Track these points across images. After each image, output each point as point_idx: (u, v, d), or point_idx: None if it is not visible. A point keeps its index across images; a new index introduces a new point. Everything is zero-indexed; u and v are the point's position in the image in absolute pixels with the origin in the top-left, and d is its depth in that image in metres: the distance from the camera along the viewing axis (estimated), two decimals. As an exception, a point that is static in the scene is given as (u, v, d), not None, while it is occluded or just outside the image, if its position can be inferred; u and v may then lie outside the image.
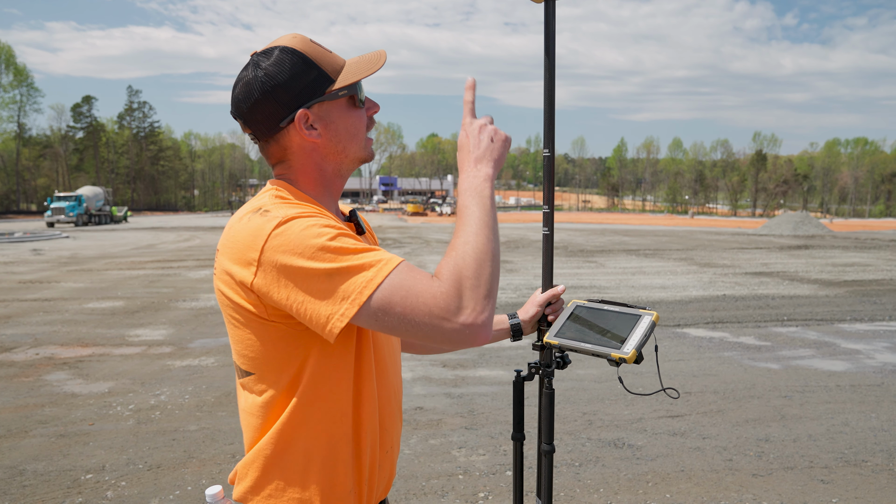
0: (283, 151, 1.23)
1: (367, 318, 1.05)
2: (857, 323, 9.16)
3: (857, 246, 24.95)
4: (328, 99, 1.21)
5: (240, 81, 1.21)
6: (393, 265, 1.05)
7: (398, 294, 1.03)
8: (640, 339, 1.42)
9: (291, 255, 1.05)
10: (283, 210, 1.11)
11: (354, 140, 1.27)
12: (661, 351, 7.37)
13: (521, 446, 1.70)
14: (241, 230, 1.11)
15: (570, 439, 4.63)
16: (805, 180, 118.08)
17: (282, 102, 1.18)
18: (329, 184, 1.29)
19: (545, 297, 1.65)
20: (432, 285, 1.04)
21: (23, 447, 4.40)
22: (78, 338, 7.92)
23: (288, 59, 1.18)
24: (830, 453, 4.42)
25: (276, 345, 1.15)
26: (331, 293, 1.04)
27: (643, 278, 14.22)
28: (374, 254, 1.06)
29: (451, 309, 1.03)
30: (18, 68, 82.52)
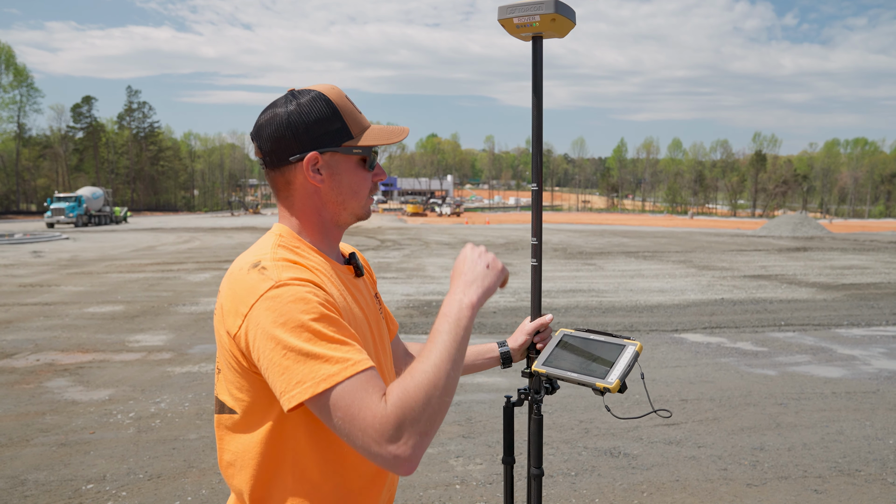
0: (286, 186, 1.29)
1: (314, 408, 1.09)
2: (854, 328, 9.20)
3: (855, 248, 25.00)
4: (342, 152, 1.28)
5: (269, 109, 1.28)
6: (356, 370, 1.07)
7: (345, 401, 1.06)
8: (623, 368, 1.48)
9: (273, 321, 1.10)
10: (279, 272, 1.15)
11: (355, 197, 1.32)
12: (658, 357, 7.41)
13: (511, 470, 1.74)
14: (240, 282, 1.17)
15: (566, 448, 4.67)
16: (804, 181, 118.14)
17: (299, 140, 1.24)
18: (328, 231, 1.34)
19: (534, 326, 1.71)
20: (377, 407, 1.05)
21: (24, 456, 4.44)
22: (78, 343, 7.96)
23: (318, 104, 1.26)
24: (824, 462, 4.46)
25: (259, 392, 1.19)
26: (291, 372, 1.07)
27: (642, 281, 14.26)
28: (345, 349, 1.09)
29: (385, 436, 1.04)
30: (18, 68, 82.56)
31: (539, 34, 1.64)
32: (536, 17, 1.58)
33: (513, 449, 1.72)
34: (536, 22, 1.59)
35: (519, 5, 1.60)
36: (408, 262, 18.40)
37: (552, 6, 1.56)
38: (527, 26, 1.61)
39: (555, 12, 1.56)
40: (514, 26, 1.62)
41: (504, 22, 1.63)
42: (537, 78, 1.67)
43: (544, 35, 1.65)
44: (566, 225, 51.65)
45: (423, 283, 13.73)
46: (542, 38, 1.67)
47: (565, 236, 32.84)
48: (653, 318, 9.82)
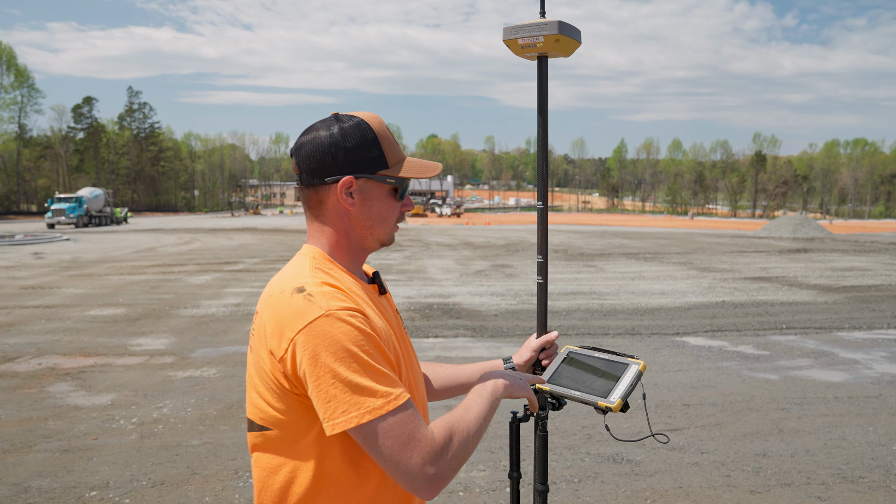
0: (319, 205, 1.34)
1: (357, 436, 1.17)
2: (855, 331, 9.20)
3: (856, 249, 25.00)
4: (376, 179, 1.32)
5: (312, 129, 1.33)
6: (398, 404, 1.17)
7: (394, 431, 1.16)
8: (626, 388, 1.49)
9: (323, 349, 1.16)
10: (327, 301, 1.20)
11: (382, 224, 1.38)
12: (660, 361, 7.41)
13: (517, 484, 1.75)
14: (285, 306, 1.21)
15: (569, 454, 4.67)
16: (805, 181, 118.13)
17: (336, 162, 1.29)
18: (355, 253, 1.39)
19: (539, 343, 1.72)
20: (426, 433, 1.19)
21: (27, 463, 4.44)
22: (80, 347, 7.96)
23: (359, 131, 1.31)
24: (828, 469, 4.46)
25: (298, 413, 1.24)
26: (338, 401, 1.15)
27: (643, 283, 14.26)
28: (388, 383, 1.18)
29: (430, 458, 1.17)
30: (19, 69, 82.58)
31: (544, 54, 1.65)
32: (540, 38, 1.59)
33: (519, 464, 1.72)
34: (540, 43, 1.59)
35: (523, 26, 1.61)
36: (408, 264, 18.40)
37: (556, 27, 1.57)
38: (531, 47, 1.61)
39: (559, 33, 1.57)
40: (519, 47, 1.63)
41: (509, 42, 1.63)
42: (542, 98, 1.67)
43: (549, 55, 1.66)
44: (566, 226, 51.65)
45: (423, 286, 13.73)
46: (548, 58, 1.67)
47: (566, 237, 32.84)
48: (654, 321, 9.82)
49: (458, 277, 15.34)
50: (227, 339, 8.42)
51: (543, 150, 1.70)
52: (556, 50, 1.62)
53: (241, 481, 4.18)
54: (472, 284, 14.05)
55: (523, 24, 1.61)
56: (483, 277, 15.37)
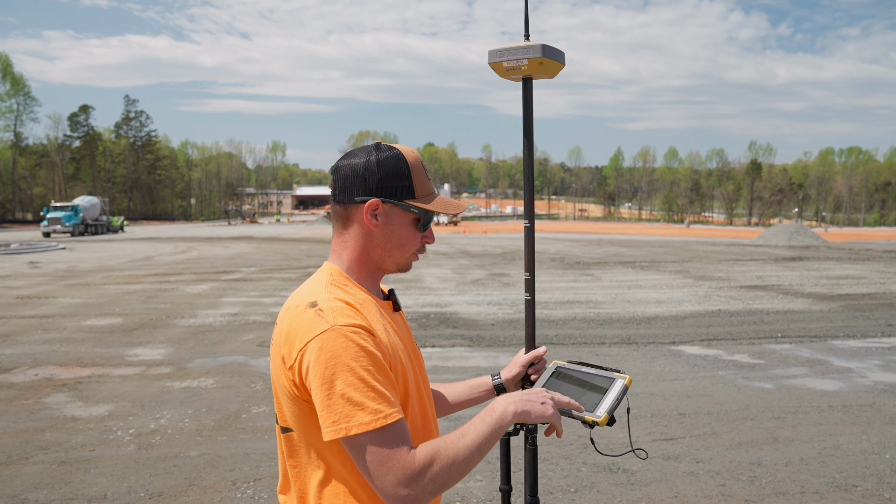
0: (346, 221, 1.45)
1: (346, 445, 1.26)
2: (849, 339, 9.25)
3: (851, 257, 25.10)
4: (401, 206, 1.43)
5: (354, 153, 1.45)
6: (387, 422, 1.24)
7: (374, 447, 1.23)
8: (612, 402, 1.52)
9: (325, 361, 1.25)
10: (335, 317, 1.29)
11: (402, 249, 1.47)
12: (656, 370, 7.44)
13: (508, 497, 1.79)
14: (298, 319, 1.32)
15: (565, 463, 4.70)
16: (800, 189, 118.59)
17: (367, 185, 1.40)
18: (372, 272, 1.48)
19: (528, 358, 1.76)
20: (405, 456, 1.24)
21: (24, 475, 4.44)
22: (77, 357, 7.96)
23: (394, 161, 1.42)
24: (822, 478, 4.49)
25: (310, 418, 1.33)
26: (331, 411, 1.24)
27: (639, 292, 14.31)
28: (380, 402, 1.24)
29: (403, 482, 1.23)
30: (15, 77, 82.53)
31: (528, 76, 1.69)
32: (525, 61, 1.63)
33: (510, 477, 1.76)
34: (525, 65, 1.64)
35: (508, 49, 1.65)
36: (405, 273, 18.39)
37: (539, 51, 1.62)
38: (516, 69, 1.67)
39: (542, 56, 1.62)
40: (504, 69, 1.67)
41: (494, 66, 1.69)
42: (528, 119, 1.71)
43: (534, 77, 1.70)
44: (563, 234, 51.75)
45: (420, 295, 13.76)
46: (532, 80, 1.72)
47: (562, 246, 32.91)
48: (650, 330, 9.86)
49: (455, 286, 15.36)
50: (225, 349, 8.43)
51: (529, 169, 1.73)
52: (540, 72, 1.67)
53: (239, 492, 4.19)
54: (469, 293, 14.08)
55: (508, 47, 1.66)
56: (480, 286, 15.40)
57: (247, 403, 6.10)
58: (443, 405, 1.77)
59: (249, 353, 8.25)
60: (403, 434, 1.26)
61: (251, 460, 4.72)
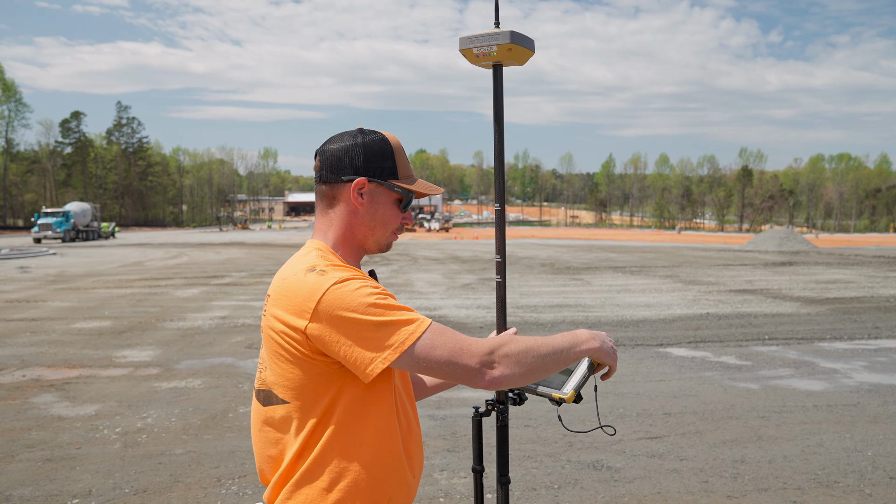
0: (332, 199, 1.51)
1: (407, 361, 1.32)
2: (836, 342, 9.33)
3: (840, 262, 25.30)
4: (385, 186, 1.51)
5: (339, 135, 1.52)
6: (428, 323, 1.33)
7: (438, 341, 1.32)
8: (578, 380, 1.57)
9: (345, 309, 1.31)
10: (338, 272, 1.36)
11: (383, 227, 1.54)
12: (643, 371, 7.49)
13: (480, 478, 1.83)
14: (299, 284, 1.36)
15: (550, 461, 4.72)
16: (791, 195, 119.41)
17: (354, 165, 1.48)
18: (356, 251, 1.54)
19: None
20: (473, 338, 1.34)
21: (9, 472, 4.43)
22: (65, 359, 7.94)
23: (379, 143, 1.51)
24: (804, 474, 4.54)
25: (314, 379, 1.37)
26: (377, 341, 1.30)
27: (628, 296, 14.38)
28: (410, 313, 1.34)
29: (487, 352, 1.32)
30: (7, 83, 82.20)
31: (499, 63, 1.74)
32: (494, 48, 1.68)
33: (482, 458, 1.80)
34: (494, 52, 1.69)
35: (478, 36, 1.70)
36: (396, 278, 18.44)
37: (508, 37, 1.66)
38: (486, 56, 1.72)
39: (511, 42, 1.66)
40: (474, 56, 1.73)
41: (465, 52, 1.74)
42: (498, 105, 1.76)
43: (504, 63, 1.75)
44: (554, 240, 51.89)
45: (410, 299, 13.77)
46: (503, 66, 1.77)
47: (553, 251, 33.01)
48: (638, 333, 9.92)
49: (445, 291, 15.40)
50: (213, 351, 8.42)
51: (500, 153, 1.78)
52: (509, 58, 1.71)
53: (224, 489, 4.20)
54: (459, 297, 14.12)
55: (478, 34, 1.70)
56: (470, 291, 15.43)
57: (234, 403, 6.10)
58: (421, 388, 1.83)
59: (238, 354, 8.25)
60: (448, 330, 1.34)
61: (237, 458, 4.72)
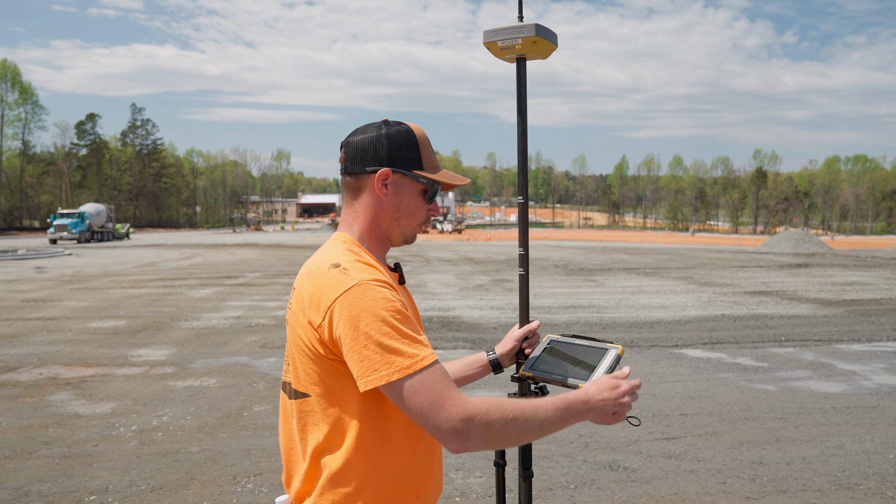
0: (357, 191, 1.50)
1: (388, 393, 1.29)
2: (854, 343, 9.21)
3: (857, 264, 25.01)
4: (410, 177, 1.48)
5: (364, 127, 1.51)
6: (425, 364, 1.28)
7: (422, 388, 1.26)
8: (605, 370, 1.55)
9: (357, 314, 1.28)
10: (360, 273, 1.33)
11: (409, 218, 1.51)
12: (658, 372, 7.43)
13: (502, 472, 1.81)
14: (322, 280, 1.35)
15: (566, 461, 4.69)
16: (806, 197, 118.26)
17: (379, 156, 1.46)
18: (382, 242, 1.52)
19: (522, 332, 1.79)
20: (456, 394, 1.28)
21: (27, 468, 4.47)
22: (81, 357, 8.00)
23: (404, 134, 1.49)
24: (824, 476, 4.47)
25: (332, 374, 1.36)
26: (370, 361, 1.27)
27: (642, 297, 14.29)
28: (416, 346, 1.30)
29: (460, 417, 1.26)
30: (24, 86, 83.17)
31: (522, 56, 1.74)
32: (518, 40, 1.68)
33: (504, 452, 1.78)
34: (518, 45, 1.69)
35: (502, 29, 1.70)
36: (409, 279, 18.43)
37: (533, 30, 1.66)
38: (510, 49, 1.71)
39: (536, 35, 1.66)
40: (499, 49, 1.72)
41: (489, 45, 1.73)
42: (521, 98, 1.76)
43: (527, 57, 1.75)
44: (567, 242, 51.72)
45: (424, 299, 13.77)
46: (526, 60, 1.77)
47: (566, 253, 32.90)
48: (653, 334, 9.85)
49: (459, 291, 15.38)
50: (228, 351, 8.46)
51: (523, 147, 1.77)
52: (533, 52, 1.71)
53: (240, 486, 4.20)
54: (472, 298, 14.09)
55: (502, 27, 1.71)
56: (483, 291, 15.41)
57: (249, 402, 6.11)
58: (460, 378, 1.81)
59: (252, 354, 8.27)
60: (446, 374, 1.30)
61: (252, 456, 4.73)
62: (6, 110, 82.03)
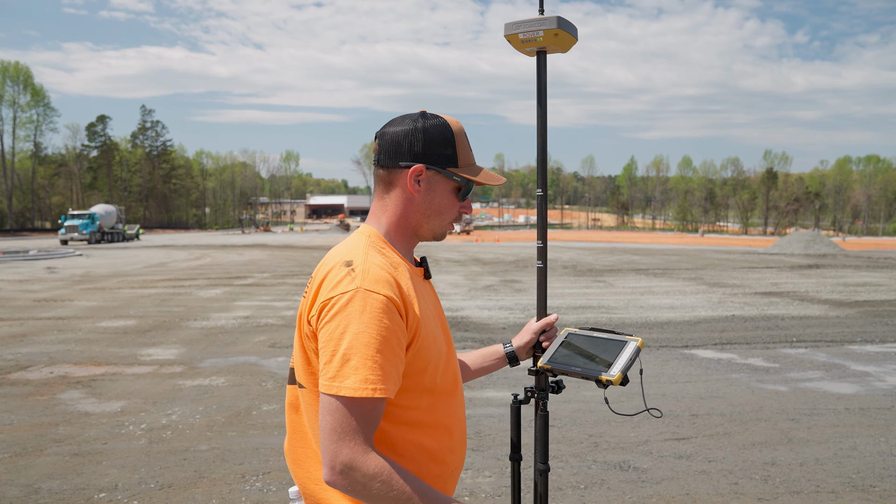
0: (388, 185, 1.46)
1: (321, 398, 1.26)
2: (867, 344, 9.12)
3: (869, 265, 24.80)
4: (444, 174, 1.44)
5: (400, 119, 1.46)
6: (365, 395, 1.22)
7: (340, 413, 1.22)
8: (625, 362, 1.53)
9: (340, 319, 1.27)
10: (364, 279, 1.30)
11: (440, 216, 1.48)
12: (668, 372, 7.38)
13: (518, 466, 1.79)
14: (330, 275, 1.33)
15: (575, 461, 4.66)
16: (816, 198, 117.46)
17: (414, 150, 1.42)
18: (408, 238, 1.49)
19: (540, 325, 1.78)
20: (362, 444, 1.22)
21: (38, 465, 4.48)
22: (91, 357, 8.04)
23: (440, 129, 1.44)
24: (837, 478, 4.42)
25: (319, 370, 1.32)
26: (329, 365, 1.25)
27: (652, 298, 14.22)
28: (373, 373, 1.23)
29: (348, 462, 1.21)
30: (35, 88, 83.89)
31: (543, 49, 1.73)
32: (540, 33, 1.67)
33: (520, 446, 1.76)
34: (540, 37, 1.68)
35: (524, 22, 1.70)
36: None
37: (555, 22, 1.65)
38: (531, 41, 1.70)
39: (557, 27, 1.66)
40: (520, 41, 1.72)
41: (510, 38, 1.73)
42: (542, 90, 1.76)
43: (548, 50, 1.75)
44: (576, 243, 51.60)
45: (432, 299, 13.74)
46: (546, 53, 1.76)
47: (575, 254, 32.81)
48: (663, 335, 9.79)
49: (467, 292, 15.36)
50: (236, 350, 8.47)
51: (542, 140, 1.76)
52: (554, 44, 1.71)
53: (248, 485, 4.20)
54: (481, 298, 14.07)
55: (524, 20, 1.70)
56: (491, 292, 15.38)
57: (257, 401, 6.12)
58: (466, 372, 1.81)
59: (261, 353, 8.28)
60: (374, 417, 1.25)
61: (261, 455, 4.73)
62: (18, 112, 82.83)
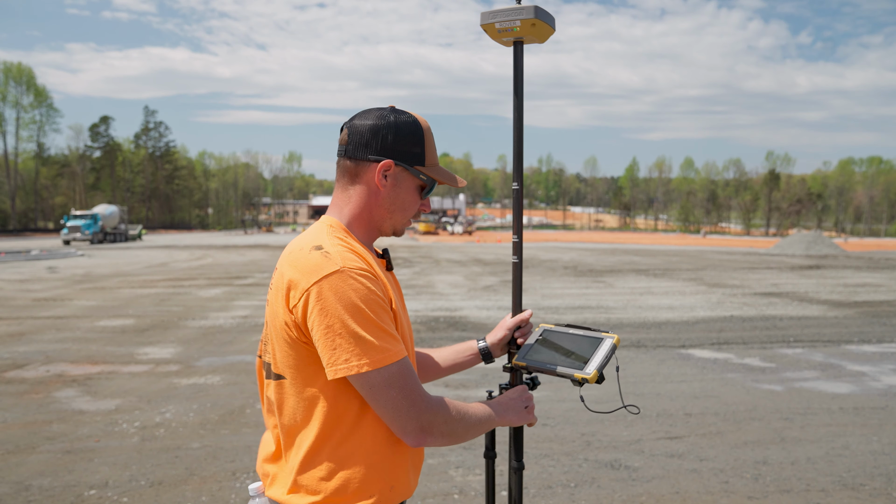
0: (354, 177, 1.45)
1: (355, 383, 1.30)
2: (864, 345, 9.10)
3: (870, 266, 24.74)
4: (411, 172, 1.46)
5: (370, 111, 1.46)
6: (394, 359, 1.29)
7: (392, 382, 1.29)
8: (601, 360, 1.51)
9: (334, 301, 1.26)
10: (342, 258, 1.30)
11: (402, 212, 1.48)
12: (664, 372, 7.37)
13: (492, 464, 1.79)
14: (302, 261, 1.32)
15: (567, 460, 4.66)
16: (819, 199, 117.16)
17: (384, 144, 1.43)
18: (371, 231, 1.49)
19: (515, 322, 1.75)
20: (424, 392, 1.34)
21: (29, 463, 4.50)
22: (88, 355, 8.05)
23: (411, 126, 1.45)
24: (828, 476, 4.42)
25: (305, 359, 1.34)
26: (341, 350, 1.26)
27: (651, 298, 14.20)
28: (389, 341, 1.30)
29: (426, 411, 1.33)
30: (38, 89, 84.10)
31: (520, 39, 1.70)
32: (517, 22, 1.64)
33: (494, 444, 1.75)
34: (517, 27, 1.64)
35: (500, 11, 1.66)
36: (418, 280, 18.45)
37: (532, 12, 1.61)
38: (508, 31, 1.66)
39: (535, 17, 1.61)
40: (496, 31, 1.67)
41: (486, 27, 1.68)
42: (518, 81, 1.73)
43: (525, 40, 1.70)
44: (578, 243, 51.54)
45: (431, 300, 13.76)
46: (523, 44, 1.72)
47: (576, 254, 32.78)
48: (660, 334, 9.78)
49: (467, 292, 15.35)
50: (233, 349, 8.49)
51: (518, 132, 1.75)
52: (531, 34, 1.67)
53: (238, 482, 4.21)
54: (480, 299, 14.06)
55: (501, 8, 1.66)
56: (491, 292, 15.37)
57: (251, 400, 6.13)
58: (435, 369, 1.78)
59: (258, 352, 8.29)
60: (414, 371, 1.33)
61: (252, 452, 4.73)
62: (21, 113, 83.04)
